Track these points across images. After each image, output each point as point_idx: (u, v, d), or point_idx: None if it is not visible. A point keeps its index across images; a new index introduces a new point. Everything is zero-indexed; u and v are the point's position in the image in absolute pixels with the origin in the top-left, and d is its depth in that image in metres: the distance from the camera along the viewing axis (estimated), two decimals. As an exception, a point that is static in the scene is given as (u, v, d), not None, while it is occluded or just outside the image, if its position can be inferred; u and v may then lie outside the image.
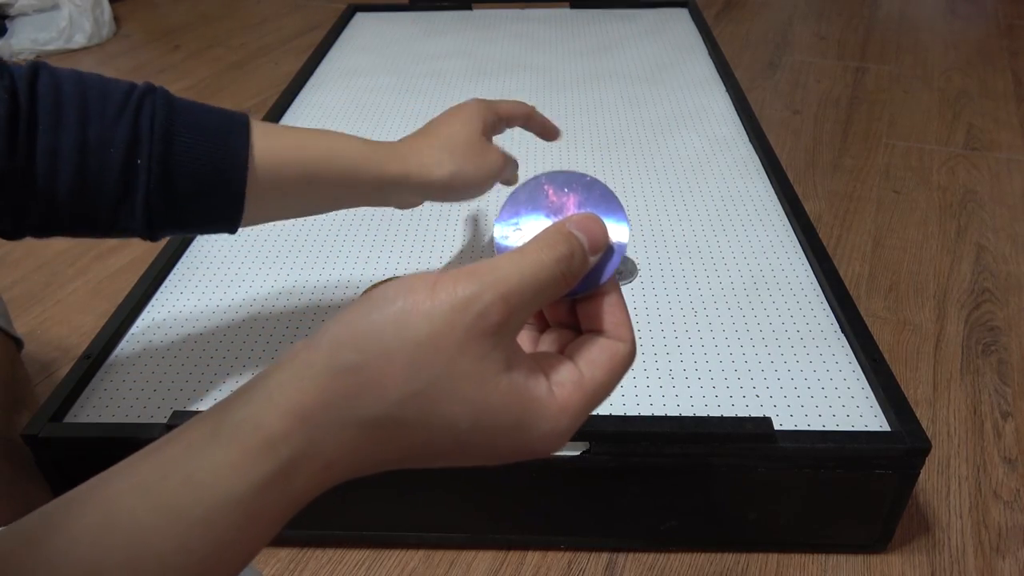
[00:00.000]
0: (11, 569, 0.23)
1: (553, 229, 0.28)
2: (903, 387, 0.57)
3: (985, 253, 0.91)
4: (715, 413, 0.55)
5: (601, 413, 0.55)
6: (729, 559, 0.59)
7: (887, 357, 0.59)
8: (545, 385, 0.27)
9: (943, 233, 0.94)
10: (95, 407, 0.57)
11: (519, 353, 0.27)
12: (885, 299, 0.84)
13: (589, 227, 0.28)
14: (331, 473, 0.25)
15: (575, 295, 0.29)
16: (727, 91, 1.03)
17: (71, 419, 0.56)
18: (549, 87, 1.07)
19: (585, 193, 0.30)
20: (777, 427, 0.52)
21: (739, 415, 0.55)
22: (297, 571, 0.59)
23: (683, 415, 0.55)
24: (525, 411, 0.26)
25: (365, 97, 1.05)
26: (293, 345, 0.26)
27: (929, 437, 0.51)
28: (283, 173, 0.49)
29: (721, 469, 0.53)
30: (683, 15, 1.31)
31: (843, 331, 0.63)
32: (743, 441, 0.52)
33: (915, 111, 1.23)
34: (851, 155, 1.11)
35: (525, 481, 0.55)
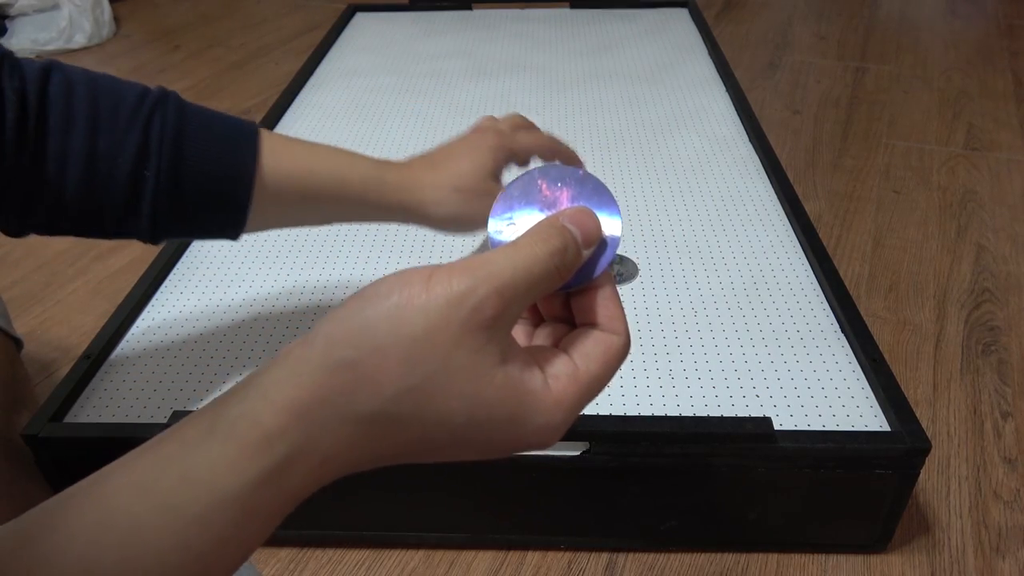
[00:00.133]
0: (8, 567, 0.23)
1: (547, 223, 0.28)
2: (903, 387, 0.57)
3: (985, 253, 0.91)
4: (715, 413, 0.55)
5: (601, 413, 0.55)
6: (729, 559, 0.58)
7: (887, 357, 0.59)
8: (540, 378, 0.27)
9: (943, 233, 0.94)
10: (95, 407, 0.57)
11: (514, 347, 0.27)
12: (885, 299, 0.84)
13: (582, 221, 0.28)
14: (327, 469, 0.25)
15: (569, 289, 0.29)
16: (727, 91, 1.03)
17: (71, 419, 0.56)
18: (549, 87, 1.07)
19: (578, 187, 0.30)
20: (777, 427, 0.52)
21: (739, 415, 0.55)
22: (297, 571, 0.58)
23: (683, 415, 0.55)
24: (520, 404, 0.26)
25: (365, 97, 1.05)
26: (289, 343, 0.27)
27: (929, 437, 0.51)
28: (288, 191, 0.50)
29: (721, 469, 0.53)
30: (683, 15, 1.31)
31: (843, 331, 0.63)
32: (743, 441, 0.52)
33: (915, 111, 1.23)
34: (851, 155, 1.11)
35: (525, 481, 0.55)
